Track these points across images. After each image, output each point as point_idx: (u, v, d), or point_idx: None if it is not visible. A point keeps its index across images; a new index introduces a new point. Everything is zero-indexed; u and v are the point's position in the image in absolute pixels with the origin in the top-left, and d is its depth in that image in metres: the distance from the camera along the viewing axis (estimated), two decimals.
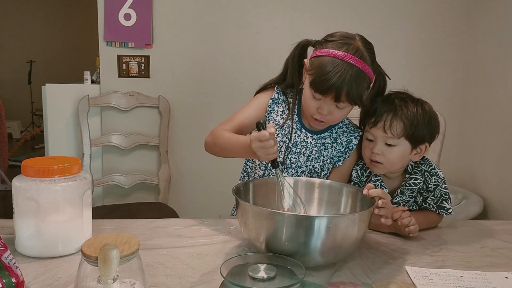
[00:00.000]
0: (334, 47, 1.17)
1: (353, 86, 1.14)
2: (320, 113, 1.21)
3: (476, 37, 2.53)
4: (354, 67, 1.14)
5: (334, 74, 1.13)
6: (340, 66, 1.14)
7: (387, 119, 1.20)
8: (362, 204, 1.09)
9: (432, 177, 1.26)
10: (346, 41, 1.17)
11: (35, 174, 0.97)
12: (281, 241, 0.93)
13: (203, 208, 2.62)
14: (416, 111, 1.20)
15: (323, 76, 1.14)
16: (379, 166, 1.23)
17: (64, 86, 2.56)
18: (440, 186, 1.26)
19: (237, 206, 1.03)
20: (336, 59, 1.15)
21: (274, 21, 2.52)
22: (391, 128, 1.19)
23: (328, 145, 1.33)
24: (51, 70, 6.37)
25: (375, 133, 1.23)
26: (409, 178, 1.27)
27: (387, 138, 1.21)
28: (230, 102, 2.45)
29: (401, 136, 1.20)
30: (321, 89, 1.16)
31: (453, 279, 0.95)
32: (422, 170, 1.27)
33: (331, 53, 1.16)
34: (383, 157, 1.22)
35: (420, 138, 1.21)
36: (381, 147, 1.22)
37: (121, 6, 2.42)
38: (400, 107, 1.20)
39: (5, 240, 0.82)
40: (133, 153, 2.55)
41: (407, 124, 1.19)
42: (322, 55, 1.18)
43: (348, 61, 1.14)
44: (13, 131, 6.24)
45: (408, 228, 1.16)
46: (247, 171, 1.43)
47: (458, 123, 2.66)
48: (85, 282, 0.72)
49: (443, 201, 1.26)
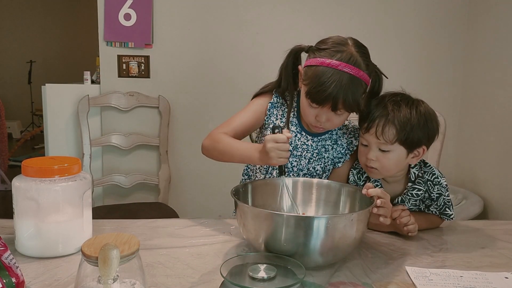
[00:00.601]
0: (327, 55, 1.15)
1: (348, 94, 1.13)
2: (319, 120, 1.21)
3: (476, 37, 2.53)
4: (348, 75, 1.13)
5: (329, 85, 1.12)
6: (334, 75, 1.12)
7: (379, 125, 1.16)
8: (361, 204, 1.09)
9: (435, 187, 1.24)
10: (339, 48, 1.15)
11: (35, 174, 0.97)
12: (280, 242, 0.93)
13: (203, 208, 2.62)
14: (409, 114, 1.16)
15: (318, 87, 1.13)
16: (375, 171, 1.22)
17: (64, 86, 2.56)
18: (444, 195, 1.24)
19: (236, 207, 1.03)
20: (329, 68, 1.13)
21: (274, 21, 2.52)
22: (383, 134, 1.16)
23: (329, 147, 1.33)
24: (51, 70, 6.38)
25: (368, 138, 1.20)
26: (412, 188, 1.24)
27: (381, 144, 1.18)
28: (230, 102, 2.45)
29: (394, 141, 1.16)
30: (317, 100, 1.15)
31: (453, 279, 0.95)
32: (425, 179, 1.24)
33: (324, 62, 1.14)
34: (378, 162, 1.19)
35: (415, 141, 1.17)
36: (375, 153, 1.19)
37: (121, 6, 2.42)
38: (392, 111, 1.16)
39: (5, 240, 0.82)
40: (133, 153, 2.55)
41: (399, 129, 1.15)
42: (315, 64, 1.16)
43: (342, 69, 1.12)
44: (13, 131, 6.24)
45: (407, 227, 1.15)
46: (248, 174, 1.43)
47: (458, 123, 2.66)
48: (85, 282, 0.73)
49: (446, 209, 1.25)
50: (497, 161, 2.33)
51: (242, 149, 1.21)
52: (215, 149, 1.27)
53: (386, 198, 1.07)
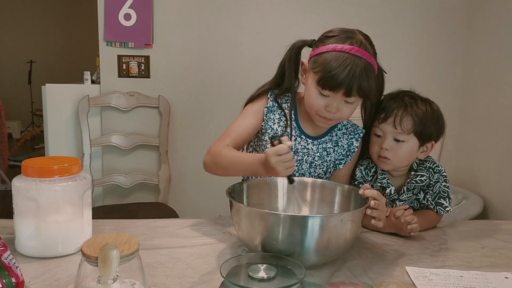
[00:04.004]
0: (338, 41, 1.15)
1: (363, 79, 1.12)
2: (329, 110, 1.18)
3: (476, 37, 2.53)
4: (362, 59, 1.12)
5: (343, 69, 1.11)
6: (348, 59, 1.12)
7: (398, 115, 1.21)
8: (356, 204, 1.09)
9: (435, 174, 1.28)
10: (349, 35, 1.16)
11: (35, 174, 0.97)
12: (271, 241, 0.93)
13: (203, 208, 2.62)
14: (425, 109, 1.23)
15: (332, 71, 1.11)
16: (387, 162, 1.24)
17: (64, 86, 2.56)
18: (440, 183, 1.27)
19: (231, 207, 1.02)
20: (343, 53, 1.12)
21: (274, 21, 2.52)
22: (402, 123, 1.21)
23: (330, 150, 1.31)
24: (51, 70, 6.38)
25: (384, 128, 1.24)
26: (415, 175, 1.27)
27: (397, 134, 1.22)
28: (230, 102, 2.45)
29: (410, 132, 1.21)
30: (331, 85, 1.13)
31: (453, 279, 0.95)
32: (427, 166, 1.28)
33: (336, 47, 1.14)
34: (392, 153, 1.23)
35: (428, 135, 1.23)
36: (390, 143, 1.23)
37: (121, 6, 2.42)
38: (410, 104, 1.22)
39: (5, 240, 0.82)
40: (133, 153, 2.55)
41: (417, 121, 1.21)
42: (326, 51, 1.15)
43: (355, 53, 1.12)
44: (13, 131, 6.24)
45: (411, 226, 1.15)
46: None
47: (458, 123, 2.66)
48: (85, 282, 0.72)
49: (440, 198, 1.26)
50: (497, 161, 2.33)
51: (246, 163, 1.17)
52: (218, 165, 1.23)
53: (382, 200, 1.06)
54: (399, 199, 1.27)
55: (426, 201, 1.28)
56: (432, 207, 1.27)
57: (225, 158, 1.21)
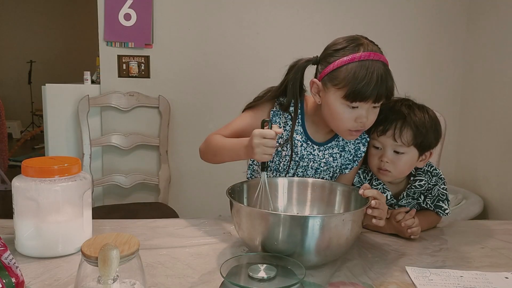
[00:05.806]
0: (351, 51, 1.12)
1: (389, 80, 1.11)
2: (360, 121, 1.14)
3: (476, 37, 2.53)
4: (379, 62, 1.11)
5: (371, 77, 1.08)
6: (371, 66, 1.09)
7: (397, 127, 1.18)
8: (357, 204, 1.09)
9: (433, 177, 1.27)
10: (357, 42, 1.13)
11: (35, 174, 0.97)
12: (272, 241, 0.93)
13: (203, 208, 2.62)
14: (423, 117, 1.20)
15: (361, 82, 1.08)
16: (388, 174, 1.22)
17: (64, 86, 2.56)
18: (439, 186, 1.27)
19: (231, 207, 1.02)
20: (364, 61, 1.10)
21: (274, 21, 2.52)
22: (402, 136, 1.18)
23: (337, 155, 1.28)
24: (51, 70, 6.38)
25: (384, 141, 1.21)
26: (414, 180, 1.26)
27: (397, 146, 1.20)
28: (230, 102, 2.45)
29: (411, 144, 1.19)
30: (363, 96, 1.09)
31: (453, 279, 0.95)
32: (425, 170, 1.27)
33: (354, 57, 1.10)
34: (392, 165, 1.21)
35: (427, 145, 1.21)
36: (390, 155, 1.21)
37: (121, 6, 2.42)
38: (408, 114, 1.19)
39: (5, 240, 0.82)
40: (133, 153, 2.55)
41: (416, 133, 1.18)
42: (345, 63, 1.11)
43: (374, 58, 1.11)
44: (13, 131, 6.24)
45: (411, 229, 1.15)
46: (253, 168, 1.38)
47: (458, 123, 2.66)
48: (85, 282, 0.73)
49: (439, 201, 1.26)
50: (497, 161, 2.33)
51: (230, 145, 1.17)
52: (209, 151, 1.25)
53: (382, 199, 1.06)
54: (398, 204, 1.27)
55: (425, 204, 1.27)
56: (432, 210, 1.27)
57: (216, 143, 1.22)
